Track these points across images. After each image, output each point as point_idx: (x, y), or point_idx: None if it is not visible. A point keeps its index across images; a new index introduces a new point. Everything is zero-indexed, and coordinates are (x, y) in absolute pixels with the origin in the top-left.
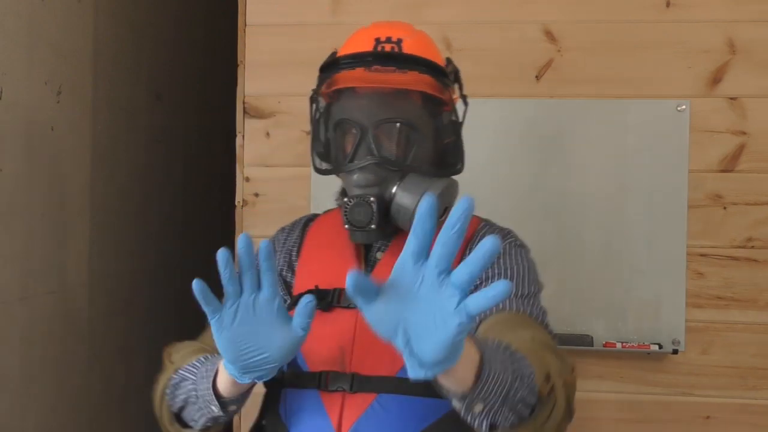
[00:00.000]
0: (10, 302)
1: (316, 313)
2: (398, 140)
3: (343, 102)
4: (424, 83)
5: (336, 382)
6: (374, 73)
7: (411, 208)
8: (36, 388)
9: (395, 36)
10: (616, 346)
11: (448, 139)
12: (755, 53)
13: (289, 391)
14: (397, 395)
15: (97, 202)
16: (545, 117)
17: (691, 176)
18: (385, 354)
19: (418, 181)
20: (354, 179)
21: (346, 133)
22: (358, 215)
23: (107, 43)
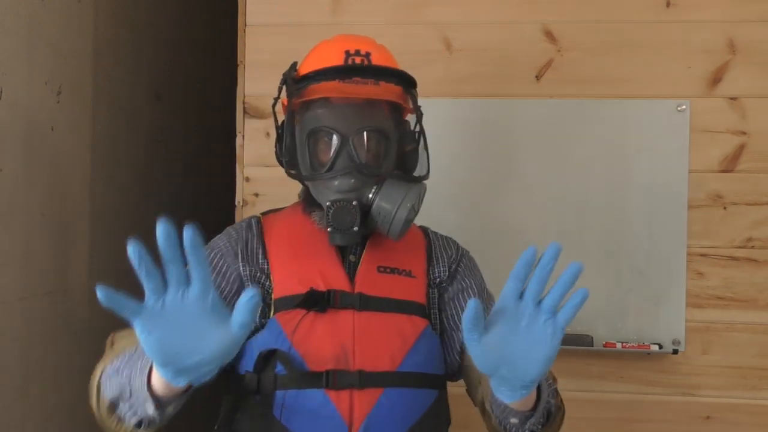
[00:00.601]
0: (10, 302)
1: (312, 315)
2: (375, 148)
3: (317, 111)
4: (397, 94)
5: (344, 380)
6: (354, 84)
7: (392, 212)
8: (35, 389)
9: (363, 49)
10: (616, 346)
11: (413, 143)
12: (755, 53)
13: (289, 392)
14: (400, 388)
15: (97, 202)
16: (545, 117)
17: (691, 176)
18: (385, 351)
19: (396, 185)
20: (335, 185)
21: (320, 140)
22: (343, 218)
23: (107, 43)
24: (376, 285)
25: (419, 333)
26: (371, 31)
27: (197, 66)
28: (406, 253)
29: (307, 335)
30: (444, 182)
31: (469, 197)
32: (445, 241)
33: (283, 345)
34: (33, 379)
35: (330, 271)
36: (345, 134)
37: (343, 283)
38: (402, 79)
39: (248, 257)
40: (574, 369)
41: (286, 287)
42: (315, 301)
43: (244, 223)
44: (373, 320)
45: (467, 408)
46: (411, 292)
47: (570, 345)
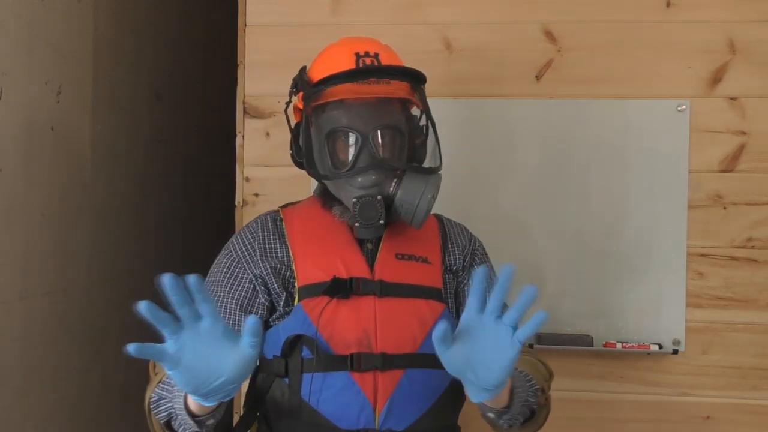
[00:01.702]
0: (10, 302)
1: (335, 302)
2: (391, 143)
3: (334, 113)
4: (407, 90)
5: (368, 362)
6: (368, 85)
7: (415, 203)
8: (36, 388)
9: (372, 50)
10: (616, 346)
11: (421, 136)
12: (755, 53)
13: (316, 375)
14: (421, 369)
15: (97, 202)
16: (545, 117)
17: (691, 176)
18: (407, 333)
19: (415, 178)
20: (359, 181)
21: (339, 140)
22: (370, 213)
23: (107, 43)
24: (394, 271)
25: (437, 316)
26: (371, 31)
27: (197, 66)
28: (422, 240)
29: (331, 321)
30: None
31: (468, 197)
32: (459, 229)
33: (309, 330)
34: (33, 379)
35: (351, 260)
36: (364, 133)
37: (364, 271)
38: (413, 77)
39: (268, 253)
40: (574, 369)
41: (309, 275)
42: (338, 288)
43: (260, 221)
44: (393, 305)
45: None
46: (428, 277)
47: (570, 345)
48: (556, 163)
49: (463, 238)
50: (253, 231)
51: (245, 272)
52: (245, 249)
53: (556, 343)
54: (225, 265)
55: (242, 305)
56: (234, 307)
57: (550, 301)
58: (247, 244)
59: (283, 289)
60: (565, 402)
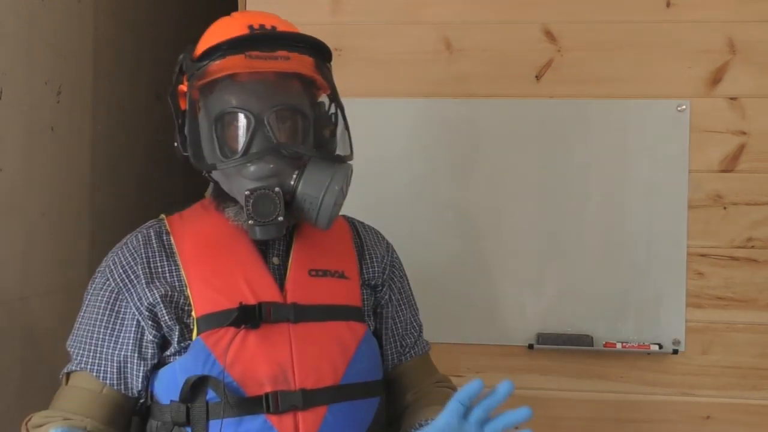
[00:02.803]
0: (10, 302)
1: (243, 333)
2: (292, 128)
3: (223, 93)
4: (310, 67)
5: (286, 402)
6: (263, 60)
7: (319, 197)
8: (35, 389)
9: (268, 23)
10: (616, 346)
11: (330, 125)
12: (755, 53)
13: (226, 422)
14: (344, 402)
15: (97, 202)
16: (545, 117)
17: (691, 176)
18: (327, 364)
19: (320, 168)
20: (252, 171)
21: (230, 124)
22: (265, 207)
23: (107, 43)
24: (309, 291)
25: (359, 340)
26: (371, 31)
27: None
28: (336, 251)
29: (239, 356)
30: (443, 182)
31: (468, 197)
32: (375, 236)
33: (213, 369)
34: (32, 380)
35: (257, 280)
36: (258, 114)
37: (273, 293)
38: (315, 49)
39: (154, 277)
40: (574, 369)
41: (208, 303)
42: (246, 317)
43: (141, 237)
44: (310, 332)
45: None
46: (346, 295)
47: (570, 345)
48: (556, 163)
49: (380, 247)
50: (134, 251)
51: (128, 307)
52: (125, 276)
53: (556, 343)
54: (103, 299)
55: (128, 356)
56: (118, 359)
57: (550, 301)
58: (127, 268)
59: (176, 321)
60: (565, 402)
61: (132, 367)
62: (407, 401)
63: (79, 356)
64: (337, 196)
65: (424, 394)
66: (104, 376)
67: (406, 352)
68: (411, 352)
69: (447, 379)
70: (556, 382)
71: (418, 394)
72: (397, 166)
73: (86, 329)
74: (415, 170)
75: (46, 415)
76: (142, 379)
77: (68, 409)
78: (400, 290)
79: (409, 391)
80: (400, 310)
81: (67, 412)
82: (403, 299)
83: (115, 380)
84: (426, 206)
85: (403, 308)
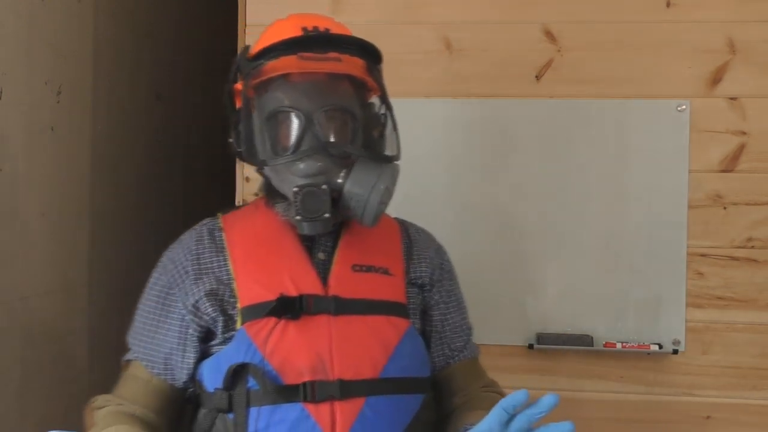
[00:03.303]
0: (10, 302)
1: (283, 323)
2: (341, 127)
3: (276, 92)
4: (360, 69)
5: (324, 391)
6: (315, 61)
7: (365, 195)
8: (35, 389)
9: (321, 25)
10: (616, 346)
11: (379, 126)
12: (755, 53)
13: (264, 409)
14: (384, 396)
15: (97, 202)
16: (545, 117)
17: (691, 176)
18: (366, 356)
19: (367, 167)
20: (301, 168)
21: (281, 123)
22: (313, 204)
23: (107, 43)
24: (351, 286)
25: (401, 335)
26: (371, 31)
27: (197, 66)
28: (382, 249)
29: (279, 346)
30: (443, 182)
31: (468, 197)
32: (426, 238)
33: (254, 358)
34: (32, 380)
35: (300, 274)
36: (308, 113)
37: (315, 286)
38: (366, 51)
39: (203, 272)
40: (574, 369)
41: (253, 295)
42: (286, 308)
43: (195, 234)
44: (350, 325)
45: None
46: (390, 291)
47: (570, 345)
48: (556, 163)
49: (430, 249)
50: (187, 247)
51: (176, 302)
52: (176, 272)
53: (556, 343)
54: (156, 293)
55: (173, 348)
56: (165, 351)
57: (550, 301)
58: (179, 265)
59: (221, 312)
60: (564, 402)
61: (177, 360)
62: (455, 404)
63: (133, 346)
64: (383, 195)
65: (471, 398)
66: (152, 366)
67: (454, 355)
68: (460, 355)
69: (495, 383)
70: (556, 382)
71: (466, 397)
72: None
73: (140, 321)
74: (414, 170)
75: (107, 399)
76: (187, 370)
77: (123, 395)
78: (449, 293)
79: (457, 394)
80: (448, 312)
81: (122, 398)
82: (452, 302)
83: (162, 371)
84: (425, 206)
85: (452, 311)
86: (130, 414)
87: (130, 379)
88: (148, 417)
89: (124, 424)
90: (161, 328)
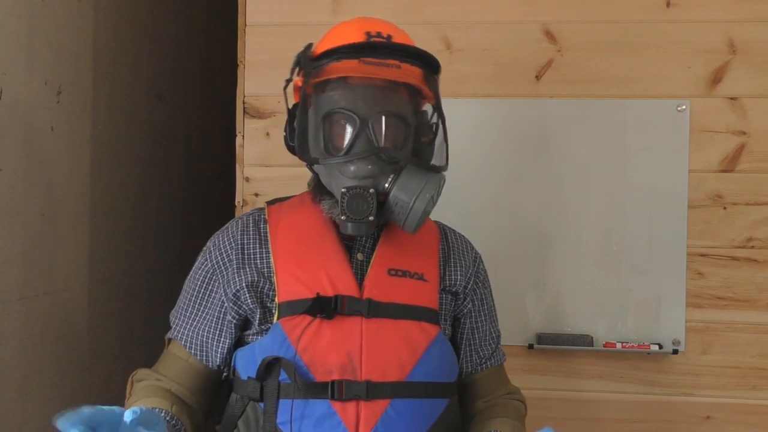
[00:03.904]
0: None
1: (317, 322)
2: (394, 133)
3: (334, 93)
4: (418, 78)
5: (351, 391)
6: (375, 66)
7: (410, 202)
8: (36, 388)
9: (384, 31)
10: (616, 346)
11: (435, 135)
12: (755, 53)
13: (293, 402)
14: (408, 399)
15: (97, 202)
16: (545, 117)
17: (691, 176)
18: (394, 360)
19: (415, 174)
20: (352, 170)
21: (336, 123)
22: (359, 206)
23: (107, 43)
24: (385, 289)
25: (430, 341)
26: None
27: (197, 66)
28: (420, 254)
29: (312, 343)
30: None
31: (467, 197)
32: (464, 244)
33: (288, 353)
34: (33, 379)
35: (338, 274)
36: (364, 117)
37: (351, 288)
38: (425, 62)
39: (245, 262)
40: (574, 369)
41: (291, 291)
42: (321, 308)
43: (240, 224)
44: (381, 328)
45: None
46: (423, 297)
47: (570, 345)
48: (556, 163)
49: (467, 257)
50: (232, 236)
51: (218, 289)
52: (220, 259)
53: (556, 343)
54: (199, 278)
55: (210, 332)
56: (202, 333)
57: (550, 301)
58: (223, 253)
59: (259, 304)
60: (565, 402)
61: (212, 343)
62: (477, 408)
63: (174, 325)
64: (428, 203)
65: (494, 404)
66: (190, 346)
67: (482, 363)
68: (487, 363)
69: (517, 390)
70: (556, 382)
71: (489, 403)
72: None
73: (182, 303)
74: None
75: (147, 373)
76: (221, 354)
77: (162, 371)
78: (482, 301)
79: (480, 399)
80: (479, 321)
81: (160, 375)
82: (484, 310)
83: (198, 352)
84: None
85: (484, 320)
86: (166, 389)
87: (169, 357)
88: (183, 394)
89: (157, 397)
90: (201, 312)
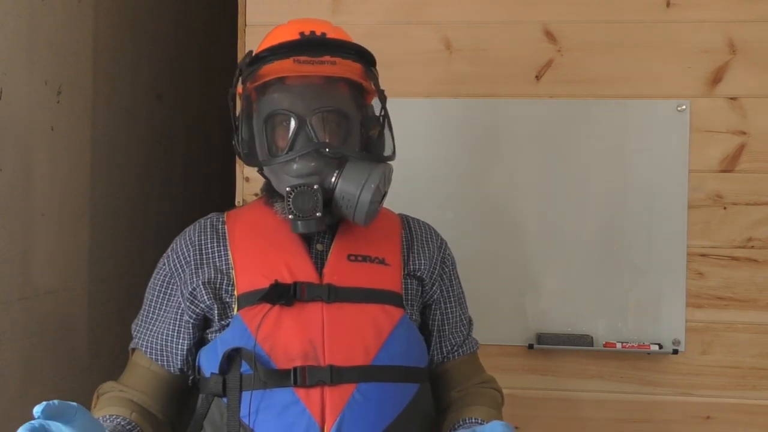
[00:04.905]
0: (10, 302)
1: (277, 310)
2: (335, 129)
3: (273, 95)
4: (356, 72)
5: (314, 377)
6: (310, 64)
7: (356, 194)
8: (36, 388)
9: (318, 29)
10: (616, 346)
11: (377, 127)
12: (755, 53)
13: (255, 393)
14: (375, 383)
15: (97, 202)
16: (545, 117)
17: (691, 176)
18: (358, 343)
19: (359, 167)
20: (294, 169)
21: (278, 125)
22: (304, 203)
23: (107, 43)
24: (345, 274)
25: (395, 323)
26: (371, 31)
27: (197, 66)
28: (380, 240)
29: (272, 331)
30: (443, 182)
31: (468, 197)
32: (427, 231)
33: (248, 343)
34: (33, 379)
35: (296, 263)
36: (302, 115)
37: (310, 275)
38: (359, 55)
39: (203, 262)
40: (574, 369)
41: (249, 282)
42: (280, 295)
43: (198, 226)
44: (343, 312)
45: None
46: (385, 280)
47: (570, 345)
48: (556, 163)
49: (431, 242)
50: (189, 239)
51: (176, 291)
52: (178, 263)
53: (556, 343)
54: (158, 282)
55: (168, 335)
56: (160, 338)
57: (551, 301)
58: (180, 256)
59: (216, 300)
60: (564, 402)
61: (171, 345)
62: (452, 398)
63: (135, 334)
64: (374, 193)
65: (468, 393)
66: (150, 352)
67: (454, 350)
68: (459, 350)
69: (492, 379)
70: (556, 382)
71: (463, 392)
72: (395, 165)
73: (143, 311)
74: (414, 170)
75: (111, 386)
76: (180, 356)
77: (126, 382)
78: (450, 288)
79: (454, 388)
80: (449, 307)
81: (124, 386)
82: (452, 297)
83: (158, 356)
84: (425, 206)
85: (453, 306)
86: (128, 399)
87: (132, 367)
88: (145, 403)
89: (117, 407)
90: (159, 317)
